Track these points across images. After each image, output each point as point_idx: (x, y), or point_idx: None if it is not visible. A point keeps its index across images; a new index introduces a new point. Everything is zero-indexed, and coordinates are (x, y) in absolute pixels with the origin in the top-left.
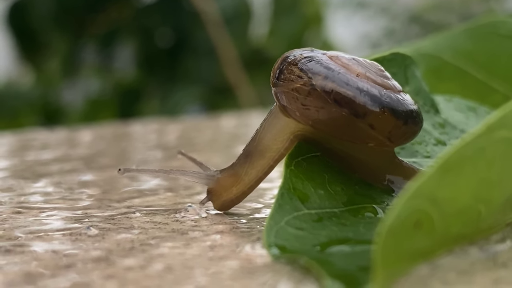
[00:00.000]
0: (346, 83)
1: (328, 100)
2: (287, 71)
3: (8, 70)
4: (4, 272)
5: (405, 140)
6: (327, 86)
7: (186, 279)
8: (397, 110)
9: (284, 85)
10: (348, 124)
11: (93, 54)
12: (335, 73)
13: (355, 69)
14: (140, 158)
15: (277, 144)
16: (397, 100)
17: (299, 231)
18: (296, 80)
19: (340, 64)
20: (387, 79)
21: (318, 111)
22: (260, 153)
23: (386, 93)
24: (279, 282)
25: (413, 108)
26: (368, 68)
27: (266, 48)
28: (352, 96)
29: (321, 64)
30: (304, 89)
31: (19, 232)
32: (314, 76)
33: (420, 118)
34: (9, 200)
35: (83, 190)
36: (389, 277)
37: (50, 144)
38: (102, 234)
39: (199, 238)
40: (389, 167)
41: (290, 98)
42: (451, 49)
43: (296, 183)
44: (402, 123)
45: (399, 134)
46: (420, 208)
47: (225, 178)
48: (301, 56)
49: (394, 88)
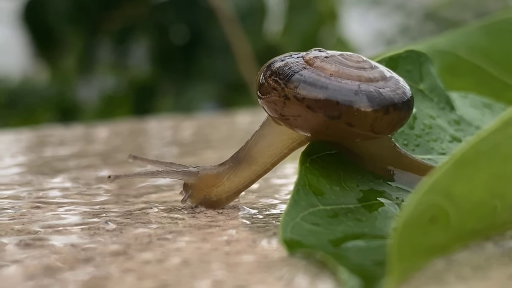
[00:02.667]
0: (317, 87)
1: (302, 108)
2: (264, 84)
3: (24, 67)
4: (24, 265)
5: (393, 128)
6: (299, 94)
7: (203, 273)
8: (374, 102)
9: (264, 98)
10: (328, 127)
11: (108, 51)
12: (306, 78)
13: (328, 69)
14: (156, 154)
15: (270, 152)
16: (374, 92)
17: (315, 226)
18: (272, 92)
19: (314, 67)
20: (365, 70)
21: (296, 119)
22: (247, 162)
23: (362, 87)
24: (295, 276)
25: (396, 95)
26: (344, 63)
27: (280, 45)
28: (323, 99)
29: (293, 71)
30: (279, 100)
31: (38, 227)
32: (286, 86)
33: (406, 103)
34: (28, 195)
35: (100, 186)
36: (405, 271)
37: (66, 140)
38: (120, 229)
39: (216, 233)
40: (391, 159)
41: (272, 109)
42: (466, 46)
43: (311, 179)
44: (383, 113)
45: (383, 124)
46: (435, 203)
47: (208, 176)
48: (276, 66)
49: (373, 78)
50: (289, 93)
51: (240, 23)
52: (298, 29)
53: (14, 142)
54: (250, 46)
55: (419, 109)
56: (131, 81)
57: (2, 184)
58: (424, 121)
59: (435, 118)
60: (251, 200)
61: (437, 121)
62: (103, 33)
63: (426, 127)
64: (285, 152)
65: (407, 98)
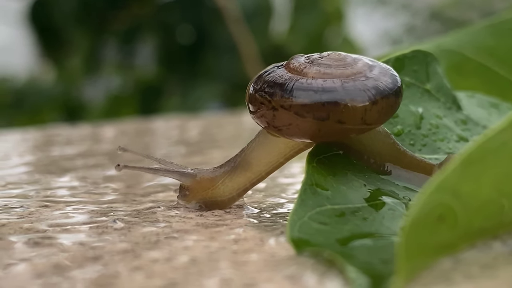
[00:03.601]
0: (301, 91)
1: (291, 116)
2: (253, 100)
3: (30, 67)
4: (32, 263)
5: (385, 116)
6: (285, 104)
7: (211, 271)
8: (359, 96)
9: (255, 113)
10: (320, 129)
11: (114, 50)
12: (289, 86)
13: (309, 73)
14: (163, 153)
15: (266, 160)
16: (358, 85)
17: (322, 225)
18: (261, 107)
19: (295, 73)
20: (346, 66)
21: (288, 128)
22: (242, 168)
23: (345, 83)
24: (303, 274)
25: (380, 83)
26: (325, 64)
27: (286, 45)
28: (310, 104)
29: (275, 82)
30: (269, 113)
31: (46, 225)
32: (272, 98)
33: (392, 89)
34: (36, 194)
35: (107, 185)
36: (412, 270)
37: (73, 139)
38: (128, 227)
39: (223, 231)
40: (390, 156)
41: (264, 123)
42: (473, 45)
43: (319, 179)
44: (371, 104)
45: (373, 115)
46: (443, 202)
47: (204, 179)
48: (260, 80)
49: (355, 72)
50: (276, 104)
51: (246, 23)
52: (304, 29)
53: (21, 141)
54: (256, 46)
55: (426, 109)
56: (137, 81)
57: (10, 183)
58: (431, 121)
59: (441, 118)
60: (258, 199)
61: (443, 121)
62: (109, 33)
63: (432, 127)
64: (281, 161)
65: (393, 84)
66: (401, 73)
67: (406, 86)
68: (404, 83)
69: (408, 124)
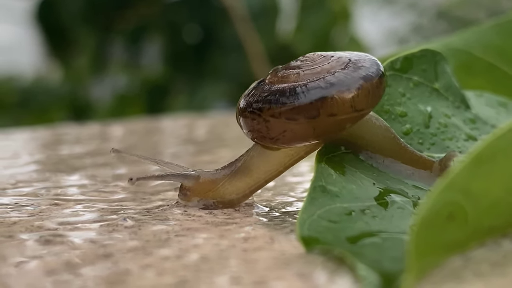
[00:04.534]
0: (287, 97)
1: (283, 122)
2: (244, 120)
3: (37, 66)
4: (44, 261)
5: (374, 99)
6: (275, 113)
7: (222, 269)
8: (344, 86)
9: (250, 133)
10: (314, 127)
11: (121, 50)
12: (275, 96)
13: (290, 77)
14: (171, 152)
15: (266, 168)
16: (340, 76)
17: (332, 223)
18: (253, 124)
19: (277, 83)
20: (325, 63)
21: (284, 135)
22: (242, 173)
23: (328, 77)
24: (313, 272)
25: (360, 68)
26: (304, 66)
27: (293, 44)
28: (297, 106)
29: (260, 96)
30: (263, 127)
31: (57, 223)
32: (262, 112)
33: (373, 71)
34: (46, 192)
35: (117, 183)
36: (423, 268)
37: (82, 138)
38: (138, 225)
39: (233, 230)
40: (391, 150)
41: (261, 138)
42: (481, 44)
43: (328, 177)
44: (356, 90)
45: (362, 100)
46: (453, 200)
47: (206, 181)
48: (245, 99)
49: (335, 66)
50: (266, 116)
51: (252, 22)
52: (310, 28)
53: (30, 140)
54: (263, 45)
55: (435, 108)
56: (143, 80)
57: (20, 181)
58: (440, 120)
59: (450, 117)
60: (267, 197)
61: (452, 120)
62: (116, 32)
63: (441, 126)
64: (280, 170)
65: (373, 67)
66: (409, 72)
67: (414, 85)
68: (412, 82)
69: (417, 123)
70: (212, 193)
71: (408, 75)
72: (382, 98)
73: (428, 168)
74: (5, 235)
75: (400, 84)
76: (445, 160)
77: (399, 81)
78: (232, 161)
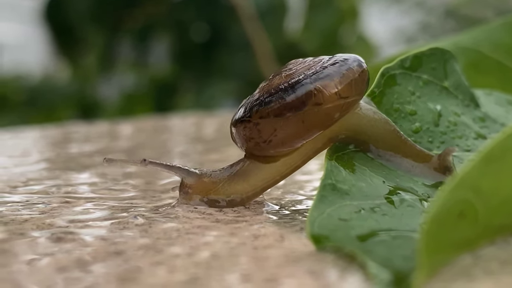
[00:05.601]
0: (272, 96)
1: (272, 120)
2: (237, 134)
3: (45, 65)
4: (56, 258)
5: (358, 86)
6: (263, 114)
7: (233, 267)
8: (327, 77)
9: (245, 143)
10: (303, 120)
11: (129, 49)
12: (261, 99)
13: (275, 81)
14: (180, 150)
15: (262, 176)
16: (321, 67)
17: (342, 221)
18: (245, 132)
19: (263, 89)
20: (307, 62)
21: (276, 135)
22: (240, 178)
23: (309, 72)
24: (324, 269)
25: (340, 61)
26: (287, 69)
27: (301, 42)
28: (284, 102)
29: (248, 104)
30: (254, 132)
31: (68, 221)
32: (251, 116)
33: (352, 61)
34: (57, 190)
35: (127, 181)
36: (433, 266)
37: (91, 136)
38: (148, 223)
39: (243, 227)
40: (391, 144)
41: (256, 146)
42: (489, 43)
43: (338, 175)
44: (339, 78)
45: (345, 88)
46: (464, 198)
47: (207, 181)
48: (238, 114)
49: (316, 61)
50: (255, 118)
51: (260, 21)
52: (318, 26)
53: (39, 138)
54: (270, 44)
55: (444, 106)
56: (151, 79)
57: (31, 179)
58: (449, 118)
59: (460, 115)
60: (277, 196)
61: (462, 118)
62: (123, 31)
63: (451, 124)
64: (276, 179)
65: (351, 59)
66: (419, 71)
67: (424, 84)
68: (422, 80)
69: (426, 122)
70: (212, 193)
71: (417, 74)
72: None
73: (427, 162)
74: (16, 233)
75: (409, 83)
76: (444, 155)
77: (408, 80)
78: (233, 163)
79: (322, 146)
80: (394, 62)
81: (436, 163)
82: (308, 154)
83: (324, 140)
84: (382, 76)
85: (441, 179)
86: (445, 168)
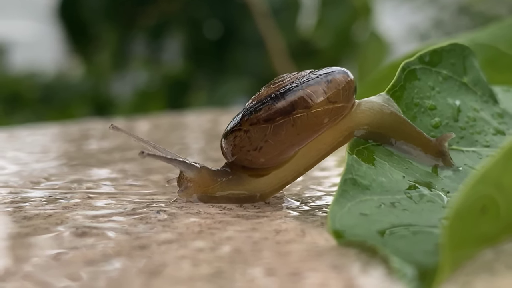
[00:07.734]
0: (262, 104)
1: (262, 126)
2: (226, 145)
3: (59, 62)
4: (82, 252)
5: (345, 93)
6: (252, 121)
7: (256, 261)
8: (315, 83)
9: (236, 154)
10: (293, 123)
11: (142, 46)
12: (251, 109)
13: (264, 91)
14: (197, 147)
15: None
16: (309, 78)
17: (363, 216)
18: (235, 142)
19: (255, 99)
20: (295, 73)
21: (267, 141)
22: (237, 180)
23: (298, 81)
24: (346, 264)
25: (327, 70)
26: (277, 80)
27: (314, 39)
28: (273, 108)
29: (239, 116)
30: (244, 140)
31: (91, 216)
32: (241, 125)
33: (338, 72)
34: (78, 186)
35: (147, 177)
36: (456, 260)
37: (109, 133)
38: (171, 218)
39: (264, 223)
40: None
41: (248, 155)
42: (507, 40)
43: (358, 170)
44: (326, 83)
45: (334, 93)
46: (486, 193)
47: (206, 176)
48: (228, 127)
49: (303, 74)
50: (245, 126)
51: (273, 18)
52: (331, 23)
53: (58, 135)
54: (284, 41)
55: (463, 102)
56: (164, 76)
57: (52, 175)
58: (468, 113)
59: (478, 111)
60: (296, 192)
61: (481, 114)
62: (137, 28)
63: (470, 119)
64: (268, 191)
65: (337, 68)
66: (438, 66)
67: (443, 79)
68: (441, 76)
69: (446, 117)
70: (211, 189)
71: (437, 69)
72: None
73: (425, 146)
74: (41, 227)
75: (429, 78)
76: (440, 139)
77: (428, 75)
78: (228, 165)
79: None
80: (414, 57)
81: (434, 146)
82: (300, 169)
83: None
84: (403, 70)
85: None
86: (439, 153)
